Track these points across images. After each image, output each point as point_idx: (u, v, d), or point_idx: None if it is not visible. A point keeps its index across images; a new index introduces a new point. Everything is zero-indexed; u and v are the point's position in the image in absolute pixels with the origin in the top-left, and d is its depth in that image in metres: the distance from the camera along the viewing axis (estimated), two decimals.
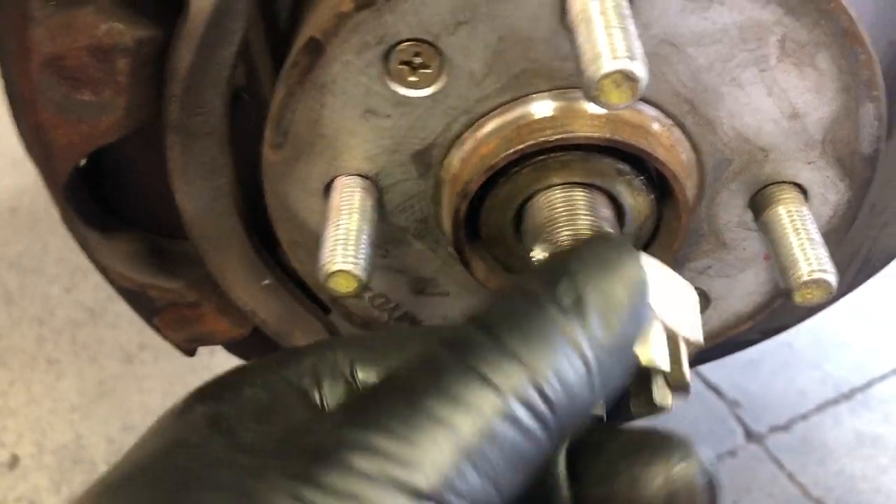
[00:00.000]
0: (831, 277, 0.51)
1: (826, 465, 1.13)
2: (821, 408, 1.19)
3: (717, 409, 1.20)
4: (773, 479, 1.12)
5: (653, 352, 0.42)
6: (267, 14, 0.57)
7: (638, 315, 0.39)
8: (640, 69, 0.41)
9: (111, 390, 1.29)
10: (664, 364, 0.43)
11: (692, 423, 1.18)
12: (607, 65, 0.41)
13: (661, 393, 0.45)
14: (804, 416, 1.18)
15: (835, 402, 1.20)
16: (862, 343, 1.26)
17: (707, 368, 1.21)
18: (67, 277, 1.47)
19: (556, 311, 0.37)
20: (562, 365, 0.35)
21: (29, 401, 1.28)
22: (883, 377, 1.22)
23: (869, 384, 1.21)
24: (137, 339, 1.35)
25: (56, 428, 1.24)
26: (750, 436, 1.16)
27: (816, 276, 0.51)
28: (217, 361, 1.30)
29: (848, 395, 1.21)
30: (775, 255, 0.53)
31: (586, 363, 0.36)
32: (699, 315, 0.47)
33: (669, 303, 0.45)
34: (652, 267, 0.43)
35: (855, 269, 0.74)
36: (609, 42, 0.42)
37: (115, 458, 1.28)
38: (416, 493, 0.31)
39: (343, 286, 0.51)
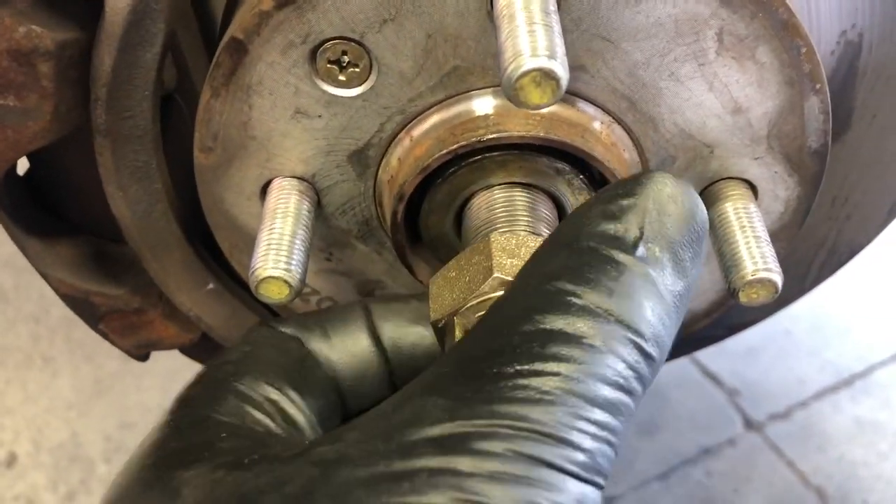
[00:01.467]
0: (776, 277, 0.50)
1: (826, 452, 1.12)
2: (820, 395, 1.18)
3: (715, 398, 1.19)
4: (773, 467, 1.11)
5: None
6: (201, 14, 0.56)
7: (701, 254, 0.40)
8: (559, 68, 0.39)
9: (108, 388, 1.29)
10: None
11: (691, 411, 1.17)
12: (526, 63, 0.39)
13: None
14: (803, 404, 1.17)
15: (834, 389, 1.19)
16: (861, 330, 1.25)
17: (706, 357, 1.21)
18: None
19: (633, 262, 0.37)
20: (653, 318, 0.36)
21: (25, 399, 1.28)
22: (883, 363, 1.21)
23: (869, 371, 1.21)
24: None
25: (53, 426, 1.24)
26: (749, 424, 1.15)
27: (761, 275, 0.50)
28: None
29: (848, 382, 1.20)
30: (721, 254, 0.52)
31: (668, 313, 0.37)
32: None
33: None
34: None
35: (820, 262, 0.73)
36: (530, 40, 0.40)
37: (112, 456, 1.29)
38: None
39: (274, 293, 0.50)
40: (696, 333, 0.66)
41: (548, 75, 0.39)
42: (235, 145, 0.52)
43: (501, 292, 0.43)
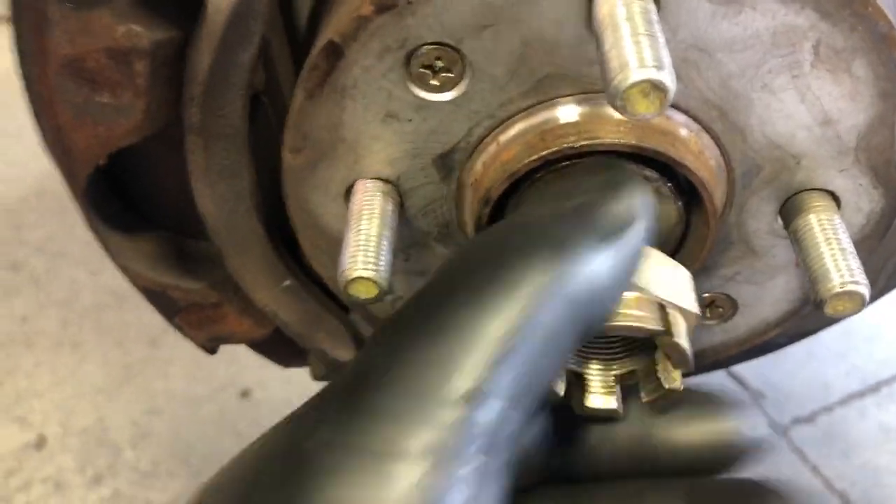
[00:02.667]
0: (863, 289, 0.50)
1: (850, 458, 1.11)
2: (846, 401, 1.17)
3: None
4: (796, 471, 1.10)
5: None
6: (286, 15, 0.56)
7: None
8: (668, 79, 0.40)
9: (136, 374, 1.30)
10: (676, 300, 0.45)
11: None
12: (634, 74, 0.39)
13: (666, 374, 0.46)
14: (829, 409, 1.17)
15: (860, 395, 1.18)
16: (890, 336, 1.24)
17: None
18: (93, 261, 1.48)
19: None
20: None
21: (54, 383, 1.29)
22: None
23: None
24: (162, 323, 1.35)
25: (81, 410, 1.25)
26: (773, 427, 1.14)
27: (849, 287, 0.50)
28: (242, 347, 1.30)
29: (874, 389, 1.19)
30: (806, 265, 0.52)
31: None
32: (693, 290, 0.48)
33: (663, 279, 0.46)
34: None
35: (888, 272, 0.72)
36: (636, 50, 0.41)
37: (139, 442, 1.30)
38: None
39: (363, 292, 0.50)
40: (763, 343, 0.66)
41: (656, 86, 0.40)
42: (325, 147, 0.53)
43: None
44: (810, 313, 0.62)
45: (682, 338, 0.46)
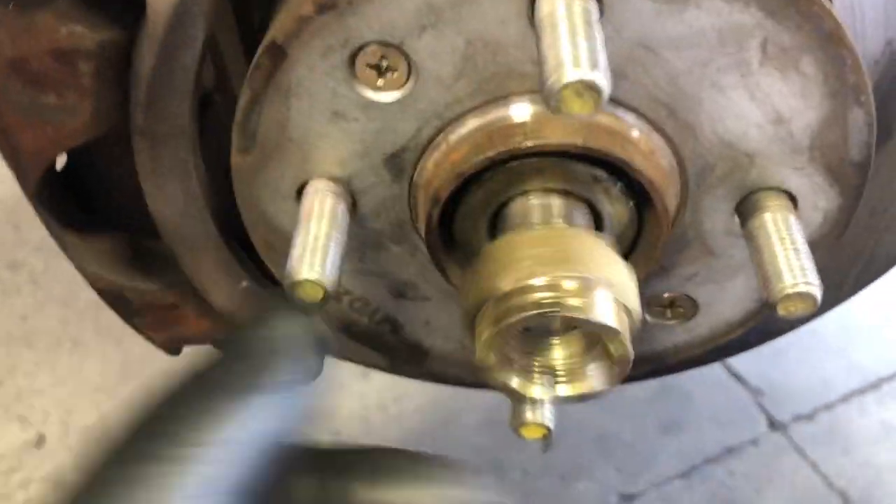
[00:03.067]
0: (815, 290, 0.49)
1: (851, 455, 1.11)
2: (846, 398, 1.17)
3: (739, 398, 1.18)
4: (796, 468, 1.10)
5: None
6: (240, 15, 0.56)
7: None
8: (601, 79, 0.39)
9: (135, 373, 1.30)
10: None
11: (714, 410, 1.16)
12: (568, 74, 0.39)
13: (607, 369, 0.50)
14: (829, 406, 1.16)
15: (861, 392, 1.18)
16: (891, 333, 1.23)
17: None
18: None
19: None
20: None
21: (55, 381, 1.29)
22: None
23: None
24: None
25: (81, 408, 1.25)
26: (773, 425, 1.14)
27: (801, 288, 0.49)
28: None
29: (875, 386, 1.18)
30: (759, 265, 0.51)
31: None
32: (636, 290, 0.49)
33: (614, 276, 0.47)
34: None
35: (857, 272, 0.72)
36: (572, 50, 0.40)
37: None
38: None
39: (309, 295, 0.50)
40: (729, 342, 0.65)
41: (590, 87, 0.39)
42: (273, 146, 0.52)
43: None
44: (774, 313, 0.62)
45: (626, 338, 0.46)
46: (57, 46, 0.49)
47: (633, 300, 0.48)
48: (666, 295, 0.60)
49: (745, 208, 0.54)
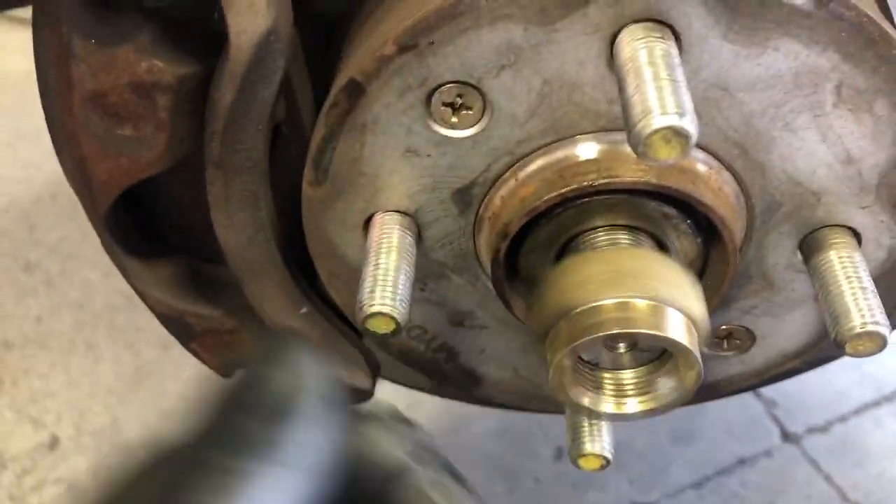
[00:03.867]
0: (884, 330, 0.50)
1: (865, 468, 1.10)
2: (860, 410, 1.16)
3: (752, 409, 1.17)
4: (810, 480, 1.09)
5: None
6: (307, 47, 0.56)
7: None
8: (689, 125, 0.40)
9: (148, 376, 1.31)
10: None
11: (728, 421, 1.16)
12: (656, 121, 0.40)
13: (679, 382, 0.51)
14: (843, 418, 1.16)
15: (875, 404, 1.17)
16: None
17: None
18: (106, 263, 1.48)
19: None
20: None
21: (68, 384, 1.30)
22: None
23: None
24: None
25: (94, 411, 1.26)
26: (786, 436, 1.14)
27: (870, 328, 0.49)
28: None
29: (889, 398, 1.18)
30: (826, 302, 0.52)
31: None
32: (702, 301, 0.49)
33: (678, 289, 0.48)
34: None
35: None
36: (658, 96, 0.41)
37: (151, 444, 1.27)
38: None
39: (381, 327, 0.51)
40: (780, 372, 0.65)
41: (678, 133, 0.40)
42: (344, 180, 0.53)
43: None
44: (829, 344, 0.62)
45: (696, 350, 0.47)
46: (137, 80, 0.50)
47: (702, 316, 0.48)
48: (724, 327, 0.61)
49: (810, 245, 0.54)
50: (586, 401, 0.51)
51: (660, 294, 0.47)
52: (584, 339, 0.47)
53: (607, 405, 0.51)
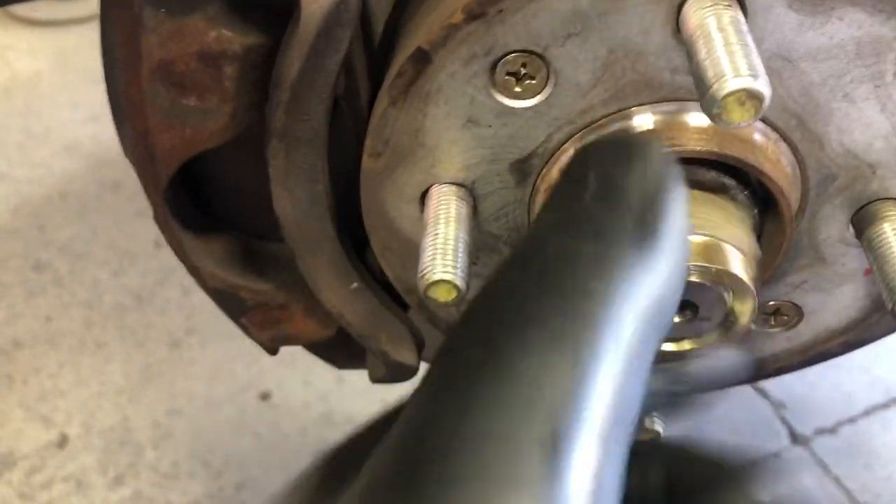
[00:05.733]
0: None
1: (874, 470, 1.10)
2: (869, 412, 1.16)
3: (761, 411, 1.18)
4: (819, 483, 1.10)
5: None
6: (364, 25, 0.57)
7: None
8: (764, 87, 0.40)
9: (158, 375, 1.31)
10: None
11: (736, 424, 1.16)
12: (731, 83, 0.40)
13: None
14: (852, 420, 1.16)
15: (885, 406, 1.17)
16: None
17: None
18: (116, 262, 1.50)
19: None
20: None
21: (77, 383, 1.31)
22: None
23: None
24: (184, 324, 1.37)
25: (104, 410, 1.26)
26: (795, 438, 1.14)
27: None
28: (261, 348, 1.31)
29: None
30: (880, 273, 0.52)
31: None
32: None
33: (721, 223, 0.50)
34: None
35: None
36: (730, 59, 0.41)
37: (160, 443, 1.32)
38: None
39: (443, 295, 0.51)
40: (823, 351, 0.66)
41: (752, 95, 0.40)
42: (404, 151, 0.54)
43: None
44: (876, 321, 0.62)
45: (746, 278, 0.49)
46: (205, 49, 0.50)
47: (753, 249, 0.51)
48: (771, 303, 0.61)
49: (863, 218, 0.55)
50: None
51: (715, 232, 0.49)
52: None
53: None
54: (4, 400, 1.29)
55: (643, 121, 0.51)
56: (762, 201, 0.53)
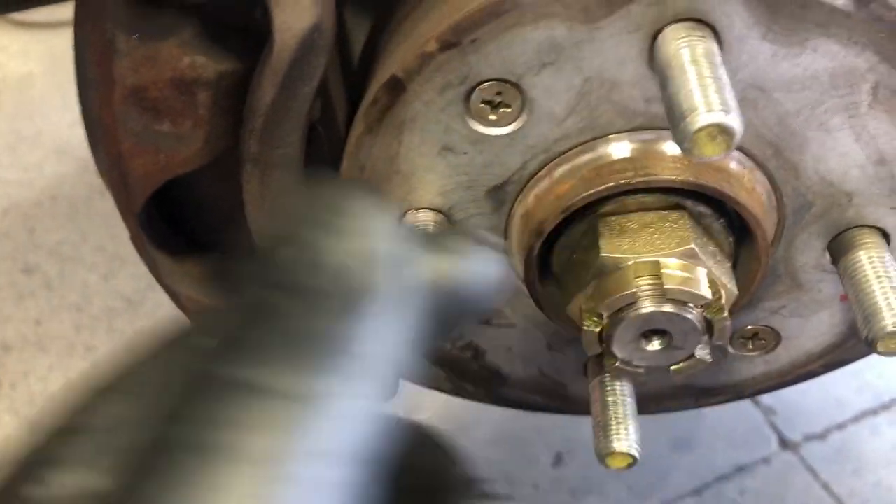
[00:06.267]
0: None
1: (862, 476, 1.11)
2: (858, 418, 1.17)
3: (751, 416, 1.18)
4: (808, 488, 1.10)
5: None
6: (341, 48, 0.57)
7: None
8: (735, 122, 0.40)
9: None
10: None
11: (726, 428, 1.17)
12: (703, 118, 0.40)
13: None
14: (841, 426, 1.16)
15: (873, 412, 1.18)
16: None
17: None
18: (105, 266, 1.49)
19: None
20: None
21: (67, 386, 1.31)
22: None
23: None
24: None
25: None
26: (785, 444, 1.14)
27: None
28: None
29: (888, 406, 1.18)
30: (857, 303, 0.52)
31: None
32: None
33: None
34: None
35: None
36: (703, 93, 0.41)
37: None
38: None
39: None
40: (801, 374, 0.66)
41: (724, 130, 0.40)
42: (380, 177, 0.53)
43: None
44: (854, 345, 0.62)
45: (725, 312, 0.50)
46: (178, 75, 0.50)
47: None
48: (749, 327, 0.61)
49: (839, 245, 0.55)
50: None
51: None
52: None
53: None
54: None
55: (618, 149, 0.51)
56: (738, 229, 0.53)
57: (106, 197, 1.84)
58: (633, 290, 0.47)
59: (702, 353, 0.52)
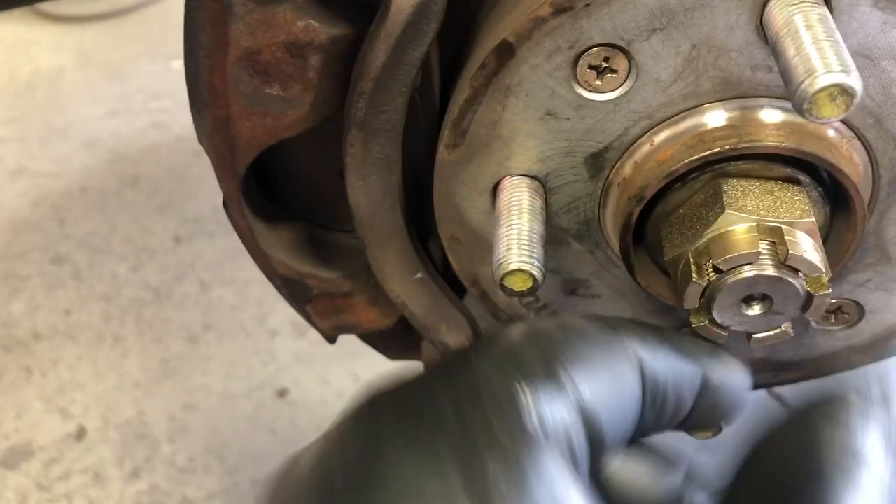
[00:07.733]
0: None
1: None
2: None
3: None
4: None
5: None
6: None
7: None
8: (856, 82, 0.41)
9: (174, 370, 1.32)
10: None
11: (751, 430, 1.16)
12: (823, 79, 0.41)
13: None
14: None
15: None
16: None
17: None
18: (134, 257, 1.52)
19: None
20: None
21: (95, 376, 1.32)
22: None
23: None
24: (202, 320, 1.39)
25: (121, 403, 1.28)
26: None
27: None
28: (278, 345, 1.32)
29: None
30: None
31: None
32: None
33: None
34: None
35: None
36: (821, 56, 0.42)
37: (176, 437, 1.33)
38: None
39: (519, 285, 0.52)
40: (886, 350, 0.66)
41: (844, 90, 0.41)
42: (481, 143, 0.54)
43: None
44: None
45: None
46: (291, 39, 0.51)
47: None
48: (833, 301, 0.62)
49: None
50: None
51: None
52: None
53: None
54: (23, 391, 1.31)
55: (716, 117, 0.52)
56: (836, 197, 0.54)
57: (135, 189, 1.87)
58: (756, 251, 0.48)
59: (786, 325, 0.53)
